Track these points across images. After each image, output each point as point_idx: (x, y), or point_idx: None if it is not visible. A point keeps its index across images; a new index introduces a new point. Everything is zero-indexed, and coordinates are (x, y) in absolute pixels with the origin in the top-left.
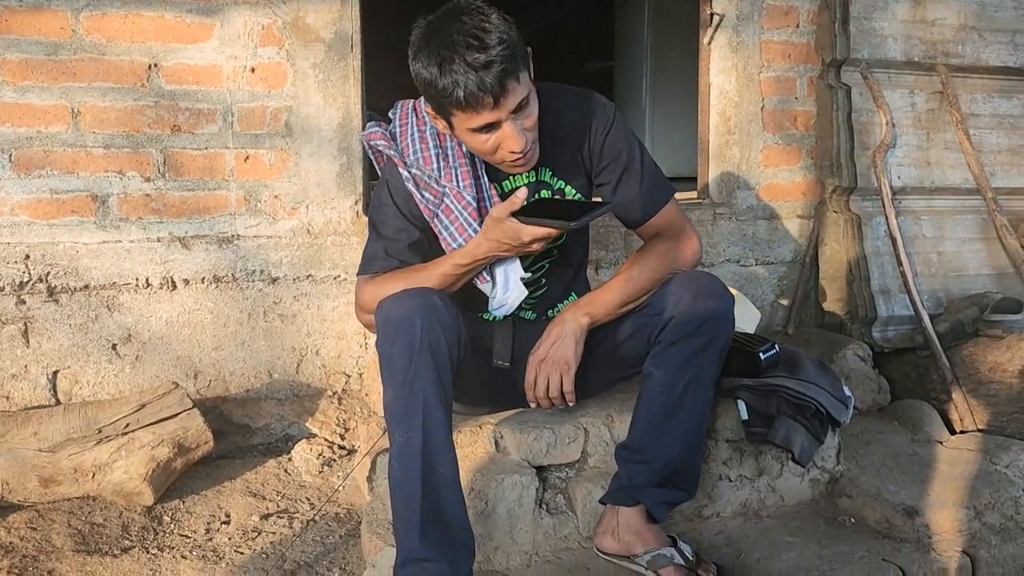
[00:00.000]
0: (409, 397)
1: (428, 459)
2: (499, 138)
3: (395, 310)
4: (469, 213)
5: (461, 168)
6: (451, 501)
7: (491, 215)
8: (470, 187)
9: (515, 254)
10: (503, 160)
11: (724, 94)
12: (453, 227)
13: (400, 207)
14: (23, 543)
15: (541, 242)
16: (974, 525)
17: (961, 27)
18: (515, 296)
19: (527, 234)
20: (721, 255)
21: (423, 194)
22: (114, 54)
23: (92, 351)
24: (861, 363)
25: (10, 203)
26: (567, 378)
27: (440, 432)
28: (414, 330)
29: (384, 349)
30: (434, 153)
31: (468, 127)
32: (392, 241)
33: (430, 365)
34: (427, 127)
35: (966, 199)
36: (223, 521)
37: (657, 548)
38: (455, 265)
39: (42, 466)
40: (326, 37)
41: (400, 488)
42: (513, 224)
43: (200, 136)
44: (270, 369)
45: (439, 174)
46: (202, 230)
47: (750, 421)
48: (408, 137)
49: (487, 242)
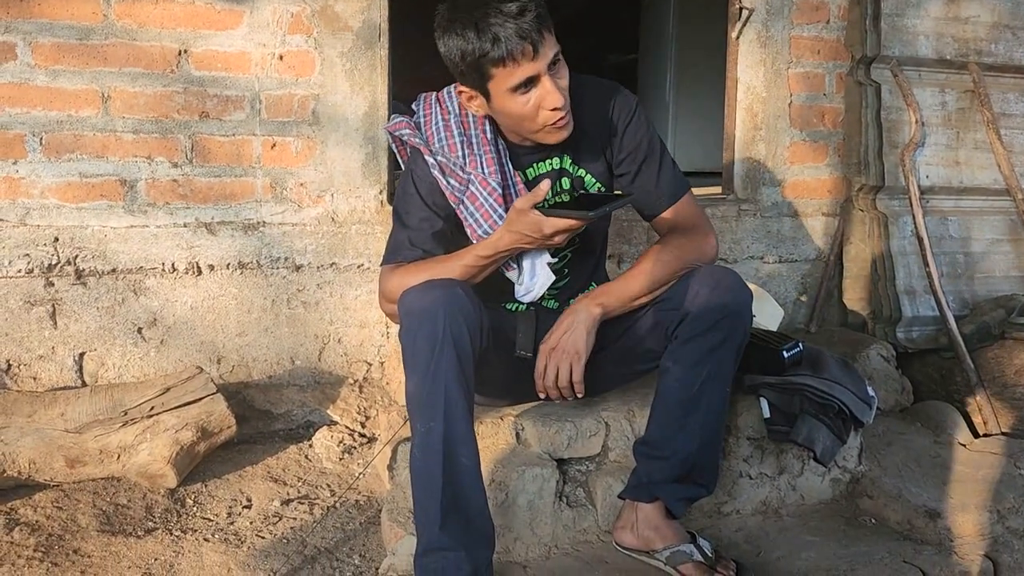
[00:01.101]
0: (431, 389)
1: (450, 449)
2: (539, 96)
3: (418, 302)
4: (495, 199)
5: (486, 155)
6: (472, 491)
7: (514, 207)
8: (495, 173)
9: (537, 247)
10: (544, 124)
11: (751, 89)
12: (479, 213)
13: (424, 197)
14: (49, 522)
15: (564, 235)
16: (997, 529)
17: (995, 25)
18: (542, 282)
19: (549, 226)
20: (745, 251)
21: (449, 181)
22: (145, 40)
23: (118, 334)
24: (884, 363)
25: (40, 186)
26: (576, 368)
27: (462, 423)
28: (437, 322)
29: (407, 341)
30: (459, 140)
31: (509, 86)
32: (416, 231)
33: (452, 357)
34: (451, 116)
35: (995, 200)
36: (245, 505)
37: (676, 544)
38: (477, 256)
39: (68, 446)
40: (354, 26)
41: (421, 478)
42: (536, 216)
43: (228, 123)
44: (293, 356)
45: (464, 161)
46: (228, 216)
47: (772, 419)
48: (433, 126)
49: (510, 235)
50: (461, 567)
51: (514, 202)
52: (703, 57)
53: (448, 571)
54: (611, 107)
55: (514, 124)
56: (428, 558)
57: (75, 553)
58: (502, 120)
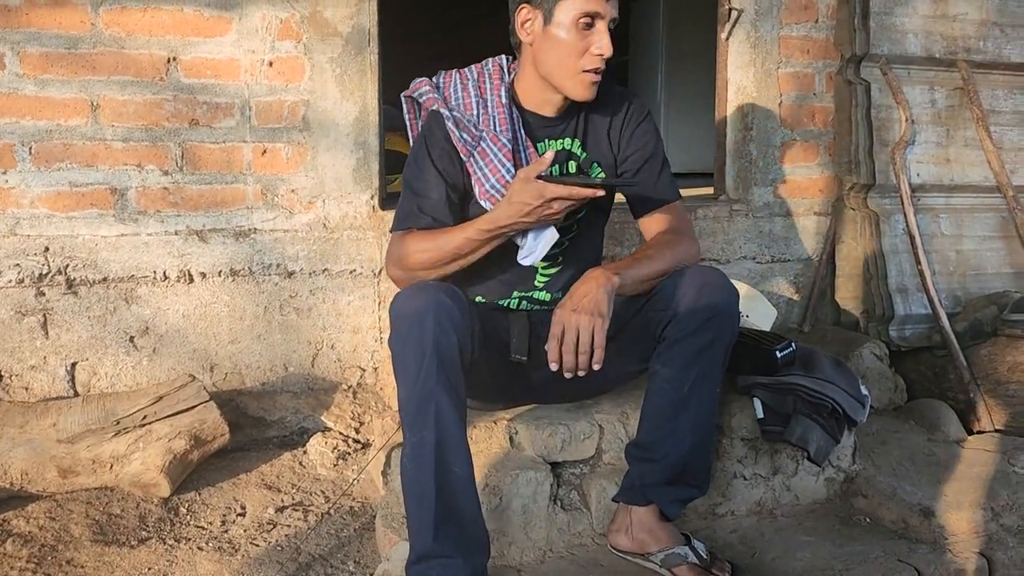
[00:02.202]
0: (420, 399)
1: (442, 459)
2: (594, 37)
3: (406, 308)
4: (504, 154)
5: (499, 116)
6: (466, 500)
7: (518, 176)
8: (507, 131)
9: (535, 220)
10: (582, 69)
11: (742, 90)
12: (487, 168)
13: (435, 162)
14: (42, 532)
15: (564, 204)
16: (991, 527)
17: (983, 23)
18: (546, 241)
19: (550, 192)
20: (737, 252)
21: (462, 135)
22: (133, 48)
23: (110, 343)
24: (878, 362)
25: (30, 196)
26: (599, 331)
27: (454, 433)
28: (425, 331)
29: (397, 349)
30: (475, 101)
31: (577, 12)
32: (426, 198)
33: (441, 367)
34: (470, 81)
35: (986, 197)
36: (239, 513)
37: (671, 547)
38: (479, 230)
39: (61, 457)
40: (344, 31)
41: (414, 488)
42: (539, 184)
43: (218, 130)
44: (286, 363)
45: (478, 120)
46: (219, 223)
47: (766, 419)
48: (451, 87)
49: (511, 206)
50: (457, 572)
51: (519, 172)
52: (693, 58)
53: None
54: (627, 107)
55: (555, 62)
56: (421, 565)
57: (68, 564)
58: (544, 58)
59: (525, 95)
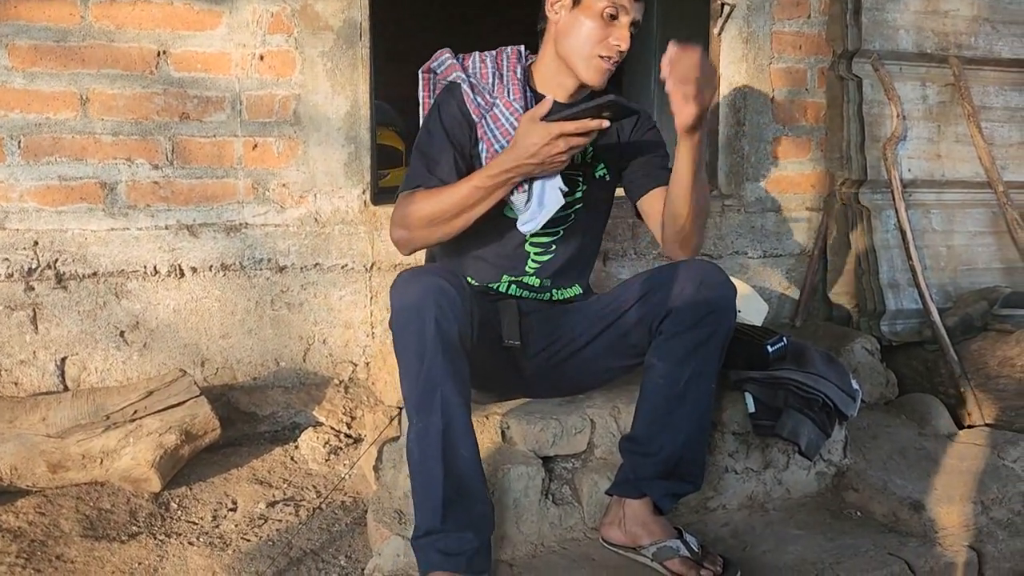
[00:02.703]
0: (425, 387)
1: (449, 443)
2: (615, 30)
3: (406, 297)
4: (516, 119)
5: (514, 87)
6: (473, 480)
7: (524, 118)
8: (520, 99)
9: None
10: (597, 54)
11: (734, 85)
12: (498, 131)
13: (447, 130)
14: (31, 528)
15: (571, 141)
16: (981, 520)
17: (974, 19)
18: (550, 207)
19: (556, 127)
20: (729, 247)
21: (476, 98)
22: (123, 41)
23: (100, 338)
24: (869, 356)
25: (19, 189)
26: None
27: (460, 417)
28: (425, 321)
29: (399, 334)
30: (491, 71)
31: (606, 2)
32: (435, 162)
33: (443, 355)
34: (488, 57)
35: (976, 192)
36: (230, 508)
37: (663, 540)
38: (484, 177)
39: (50, 452)
40: (335, 25)
41: (420, 473)
42: (544, 123)
43: (208, 124)
44: (277, 357)
45: (493, 88)
46: (210, 218)
47: (757, 414)
48: (470, 59)
49: (516, 149)
50: (465, 543)
51: (523, 114)
52: None
53: (452, 547)
54: (637, 118)
55: (574, 44)
56: (431, 538)
57: (58, 559)
58: (564, 40)
59: (541, 78)
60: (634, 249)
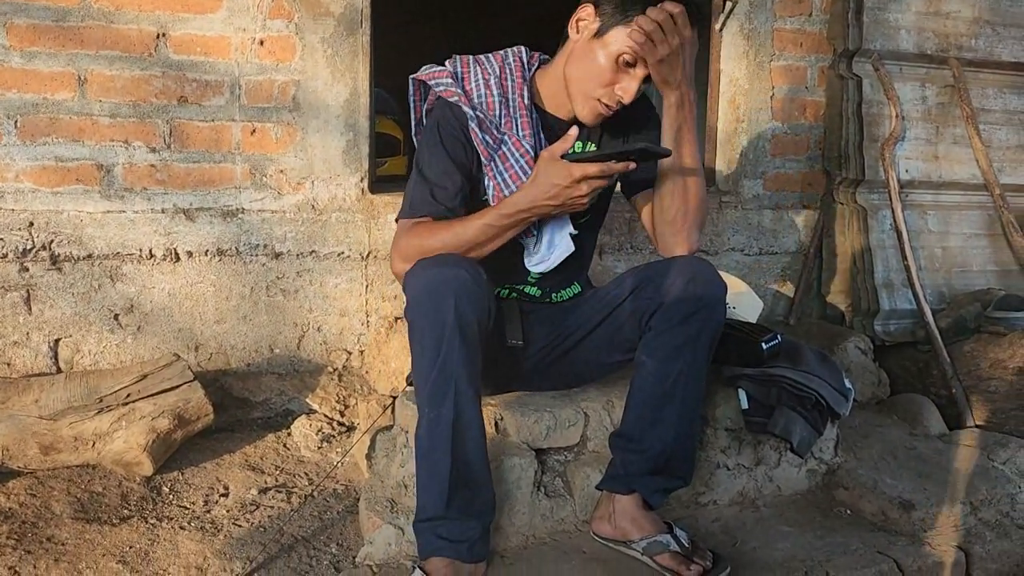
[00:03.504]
0: (440, 377)
1: (458, 433)
2: (624, 78)
3: (425, 287)
4: (526, 161)
5: (522, 118)
6: (479, 470)
7: (543, 156)
8: (530, 136)
9: (560, 204)
10: (597, 98)
11: (734, 82)
12: (507, 174)
13: (449, 151)
14: (22, 509)
15: (592, 184)
16: (969, 521)
17: (975, 20)
18: (559, 252)
19: (579, 170)
20: (726, 244)
21: (484, 136)
22: (122, 22)
23: (94, 320)
24: (862, 356)
25: (15, 169)
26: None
27: (471, 408)
28: (444, 310)
29: (415, 325)
30: (497, 100)
31: (624, 47)
32: (439, 187)
33: (460, 345)
34: (492, 76)
35: (973, 195)
36: (221, 494)
37: (653, 535)
38: (499, 215)
39: (42, 433)
40: (336, 11)
41: (427, 460)
42: (566, 163)
43: (207, 108)
44: (271, 344)
45: (500, 121)
46: (207, 203)
47: (750, 410)
48: (472, 82)
49: (535, 188)
50: (469, 529)
51: (542, 152)
52: None
53: (455, 534)
54: (648, 112)
55: (579, 76)
56: (435, 522)
57: (49, 540)
58: (574, 65)
59: (547, 92)
60: (630, 244)
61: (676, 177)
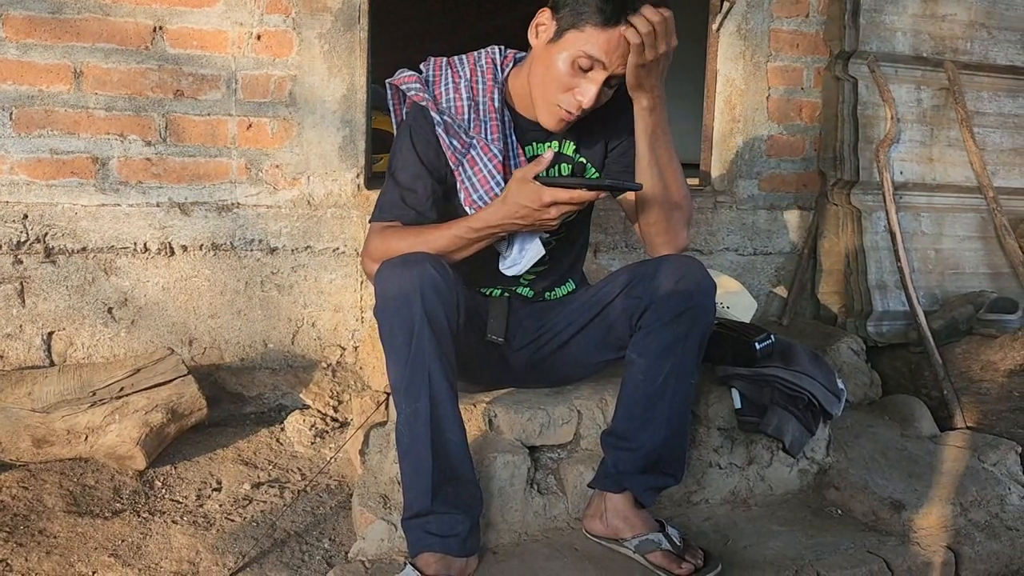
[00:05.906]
0: (413, 373)
1: (437, 427)
2: (583, 82)
3: (393, 285)
4: (495, 166)
5: (491, 122)
6: (461, 463)
7: (515, 176)
8: (498, 141)
9: (530, 224)
10: (558, 104)
11: (730, 82)
12: (476, 179)
13: (420, 155)
14: (14, 502)
15: (562, 210)
16: (959, 521)
17: (971, 24)
18: (531, 256)
19: (548, 195)
20: (720, 244)
21: (451, 141)
22: (119, 15)
23: (88, 314)
24: (854, 357)
25: (9, 162)
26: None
27: (447, 402)
28: (412, 308)
29: (384, 325)
30: (467, 104)
31: (581, 50)
32: (410, 191)
33: (431, 341)
34: (462, 80)
35: (967, 197)
36: (214, 488)
37: (645, 533)
38: (468, 228)
39: (35, 426)
40: (333, 7)
41: (410, 456)
42: (536, 186)
43: (203, 102)
44: (265, 339)
45: (469, 125)
46: (202, 197)
47: (743, 410)
48: (442, 86)
49: (505, 207)
50: (457, 524)
51: (515, 171)
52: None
53: (444, 529)
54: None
55: (539, 82)
56: (422, 519)
57: (41, 533)
58: (534, 71)
59: (519, 95)
60: (625, 242)
61: (656, 180)
